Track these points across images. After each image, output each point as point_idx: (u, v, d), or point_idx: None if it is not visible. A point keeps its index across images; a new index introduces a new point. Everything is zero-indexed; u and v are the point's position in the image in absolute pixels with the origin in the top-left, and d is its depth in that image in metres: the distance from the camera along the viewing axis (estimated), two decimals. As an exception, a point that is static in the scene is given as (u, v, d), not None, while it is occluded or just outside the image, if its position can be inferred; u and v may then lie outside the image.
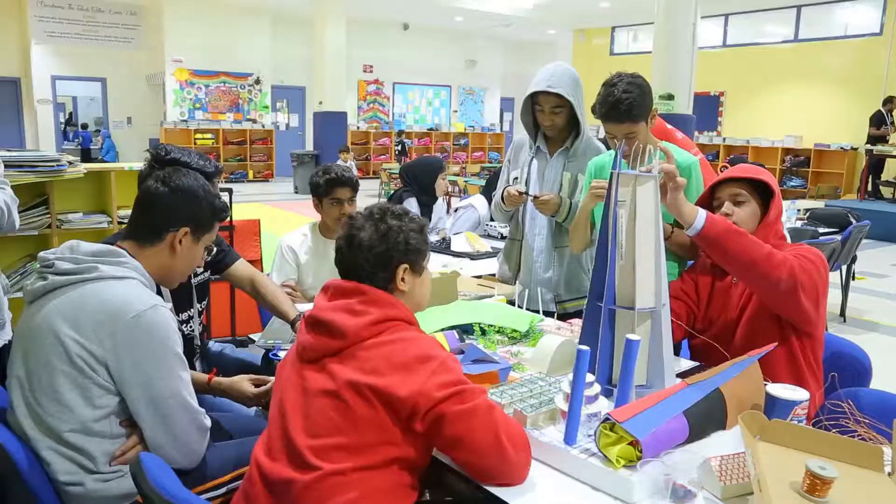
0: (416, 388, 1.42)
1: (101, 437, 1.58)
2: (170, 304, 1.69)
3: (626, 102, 2.21)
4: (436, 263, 3.73)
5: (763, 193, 2.08)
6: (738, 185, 2.08)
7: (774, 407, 1.64)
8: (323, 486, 1.42)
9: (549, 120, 2.77)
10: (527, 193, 2.80)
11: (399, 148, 16.93)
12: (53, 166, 3.38)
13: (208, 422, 1.72)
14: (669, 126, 3.87)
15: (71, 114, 19.62)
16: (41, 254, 1.66)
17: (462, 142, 20.05)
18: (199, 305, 2.49)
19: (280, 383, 1.60)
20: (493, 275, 3.18)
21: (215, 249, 1.94)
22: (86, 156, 15.50)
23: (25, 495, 1.51)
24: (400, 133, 17.30)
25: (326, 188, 3.07)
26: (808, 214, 6.60)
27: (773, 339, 1.92)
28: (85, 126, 16.96)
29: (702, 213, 1.90)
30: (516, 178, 2.97)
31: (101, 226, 3.81)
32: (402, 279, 1.60)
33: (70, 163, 3.54)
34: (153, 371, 1.57)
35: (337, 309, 1.53)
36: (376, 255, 1.56)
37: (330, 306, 1.55)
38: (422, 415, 1.42)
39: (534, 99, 2.78)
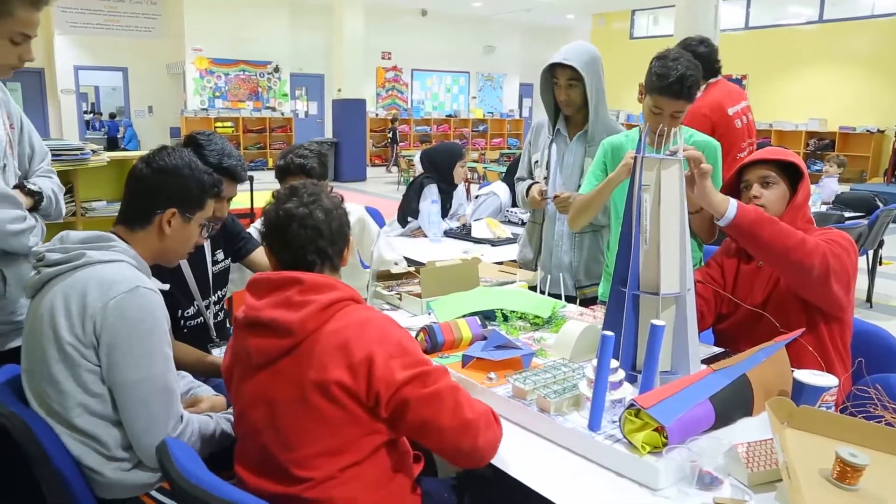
0: (376, 374, 1.37)
1: (106, 421, 1.57)
2: (165, 287, 1.66)
3: (690, 80, 2.17)
4: (456, 250, 3.72)
5: (791, 176, 2.05)
6: (766, 167, 2.05)
7: (802, 393, 1.62)
8: (319, 493, 1.41)
9: (565, 94, 2.76)
10: (546, 195, 2.80)
11: (391, 135, 16.94)
12: (77, 155, 3.41)
13: (181, 427, 1.60)
14: (730, 111, 3.81)
15: (93, 104, 19.81)
16: (34, 248, 1.66)
17: (481, 128, 19.98)
18: (219, 293, 2.51)
19: (236, 395, 1.55)
20: (515, 261, 3.17)
21: (213, 227, 1.91)
22: (112, 145, 15.66)
23: (55, 478, 1.53)
24: (393, 121, 17.27)
25: (278, 176, 2.79)
26: (833, 199, 6.50)
27: (800, 325, 1.89)
28: (113, 115, 17.15)
29: (733, 203, 1.87)
30: (537, 162, 2.96)
31: (124, 214, 3.84)
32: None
33: (94, 151, 3.57)
34: (119, 356, 1.52)
35: (274, 305, 1.45)
36: (336, 232, 1.54)
37: (265, 304, 1.46)
38: (385, 402, 1.39)
39: (552, 74, 2.78)
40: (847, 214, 5.95)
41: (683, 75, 2.16)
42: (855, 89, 13.68)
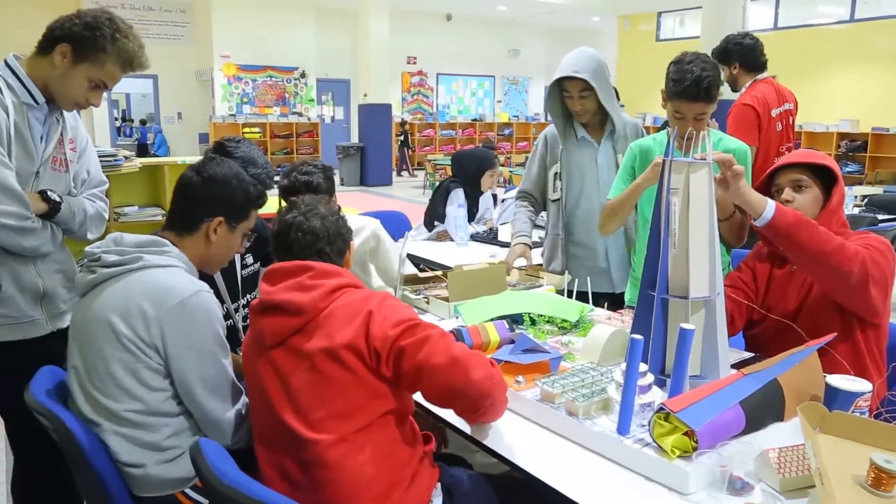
0: (373, 332, 1.50)
1: (161, 415, 1.64)
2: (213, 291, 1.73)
3: (706, 81, 2.15)
4: (483, 253, 3.73)
5: (824, 179, 2.02)
6: (798, 171, 2.01)
7: (835, 398, 1.60)
8: (332, 457, 1.49)
9: (580, 105, 2.75)
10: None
11: (402, 139, 16.97)
12: (111, 161, 3.48)
13: (244, 411, 1.75)
14: (774, 113, 3.77)
15: (124, 110, 20.15)
16: (87, 248, 1.72)
17: (506, 132, 19.95)
18: (248, 296, 2.54)
19: (254, 375, 1.64)
20: (541, 265, 3.16)
21: (254, 236, 1.97)
22: (142, 151, 15.91)
23: (92, 477, 1.57)
24: (403, 124, 17.31)
25: (283, 195, 2.62)
26: (865, 201, 6.39)
27: (834, 330, 1.86)
28: (143, 122, 17.45)
29: (771, 203, 1.84)
30: (557, 174, 2.93)
31: (155, 218, 3.91)
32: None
33: (126, 158, 3.64)
34: (194, 356, 1.63)
35: (288, 289, 1.58)
36: (333, 234, 1.69)
37: (279, 289, 1.59)
38: (385, 358, 1.50)
39: (561, 86, 2.77)
40: (881, 217, 5.84)
41: (699, 77, 2.14)
42: (888, 89, 13.41)
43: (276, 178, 2.70)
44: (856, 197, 6.47)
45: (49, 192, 2.01)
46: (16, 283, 1.99)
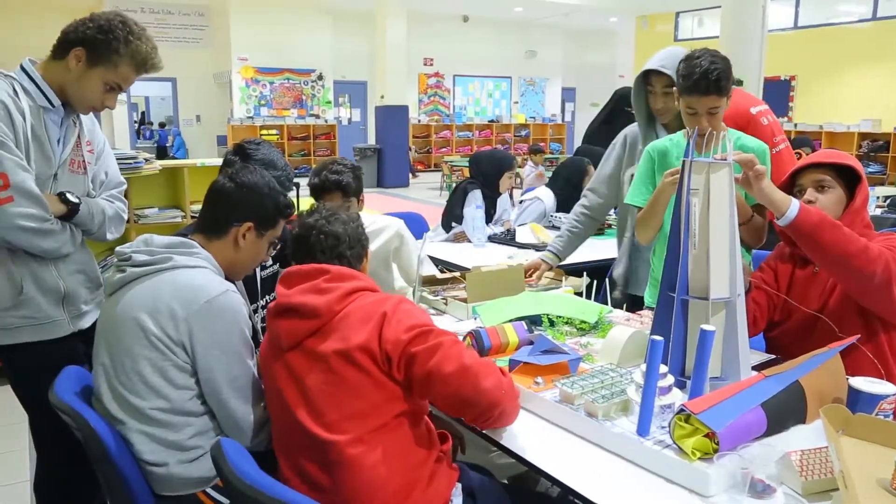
0: (385, 336, 1.52)
1: (186, 414, 1.67)
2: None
3: (714, 73, 2.13)
4: (501, 255, 3.72)
5: (847, 179, 2.00)
6: (821, 171, 1.99)
7: (858, 401, 1.58)
8: (349, 458, 1.50)
9: (662, 102, 2.68)
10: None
11: None
12: (131, 163, 3.51)
13: (261, 416, 1.76)
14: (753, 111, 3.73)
15: (143, 113, 20.35)
16: (118, 248, 1.76)
17: (523, 133, 19.93)
18: (266, 297, 2.55)
19: (271, 378, 1.66)
20: (560, 266, 3.15)
21: (279, 245, 2.00)
22: (161, 153, 16.08)
23: (115, 476, 1.58)
24: None
25: (313, 194, 2.67)
26: (888, 202, 6.31)
27: (857, 332, 1.84)
28: (163, 125, 17.62)
29: (795, 203, 1.82)
30: (633, 176, 2.89)
31: (175, 220, 3.95)
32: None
33: (146, 160, 3.67)
34: (220, 356, 1.65)
35: (303, 292, 1.59)
36: (353, 238, 1.71)
37: (295, 291, 1.61)
38: (396, 362, 1.51)
39: (646, 80, 2.72)
40: (903, 218, 5.76)
41: (707, 70, 2.12)
42: (911, 89, 13.25)
43: (295, 181, 2.73)
44: (878, 198, 6.39)
45: (68, 194, 2.04)
46: (36, 284, 2.01)
